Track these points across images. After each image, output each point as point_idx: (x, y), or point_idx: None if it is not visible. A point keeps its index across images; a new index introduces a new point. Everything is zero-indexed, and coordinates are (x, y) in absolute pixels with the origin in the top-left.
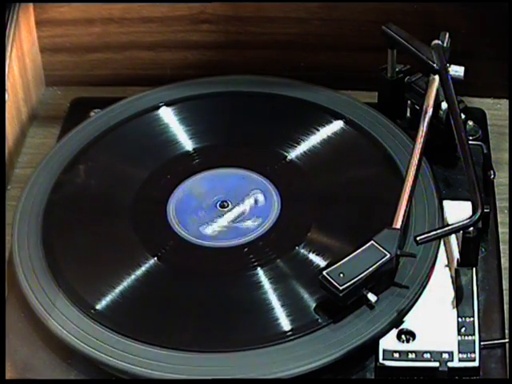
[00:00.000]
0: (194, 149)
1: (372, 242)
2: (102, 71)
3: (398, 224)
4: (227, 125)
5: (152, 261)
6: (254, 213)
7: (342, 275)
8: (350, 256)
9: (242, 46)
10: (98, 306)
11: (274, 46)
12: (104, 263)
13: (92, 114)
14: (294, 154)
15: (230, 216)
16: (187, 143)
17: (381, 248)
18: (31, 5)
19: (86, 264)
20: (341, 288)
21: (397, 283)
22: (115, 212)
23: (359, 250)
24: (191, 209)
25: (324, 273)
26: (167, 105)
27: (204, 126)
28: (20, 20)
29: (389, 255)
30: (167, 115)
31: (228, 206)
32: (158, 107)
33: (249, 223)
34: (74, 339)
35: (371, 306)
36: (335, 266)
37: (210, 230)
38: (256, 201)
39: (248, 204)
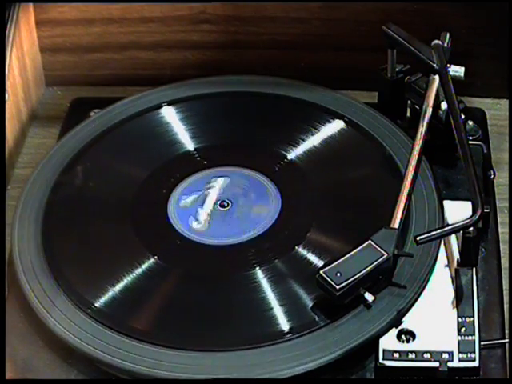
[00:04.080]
0: (193, 149)
1: (369, 241)
2: (102, 71)
3: (396, 224)
4: (227, 125)
5: (152, 260)
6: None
7: (338, 274)
8: (348, 255)
9: (242, 46)
10: (99, 306)
11: (274, 45)
12: (104, 263)
13: (92, 114)
14: (294, 153)
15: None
16: (187, 143)
17: (378, 248)
18: (31, 5)
19: (86, 264)
20: (337, 287)
21: (395, 283)
22: (115, 212)
23: (356, 250)
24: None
25: (321, 272)
26: (167, 105)
27: (204, 126)
28: (20, 20)
29: (386, 255)
30: (167, 115)
31: (228, 205)
32: (158, 107)
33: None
34: (74, 339)
35: (368, 306)
36: (332, 265)
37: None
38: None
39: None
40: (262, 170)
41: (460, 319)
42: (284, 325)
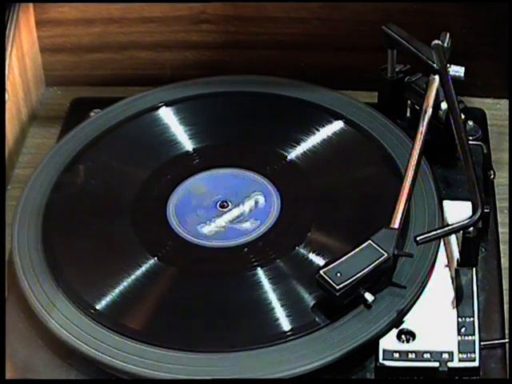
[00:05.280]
0: (193, 149)
1: (369, 241)
2: (102, 71)
3: (396, 224)
4: (227, 125)
5: (152, 261)
6: (253, 213)
7: (338, 274)
8: (348, 255)
9: (242, 46)
10: (98, 306)
11: (274, 45)
12: (104, 263)
13: (92, 114)
14: (293, 153)
15: (229, 216)
16: (187, 143)
17: (378, 248)
18: (31, 5)
19: (86, 264)
20: (337, 287)
21: (395, 283)
22: (115, 212)
23: (356, 250)
24: (191, 209)
25: (321, 272)
26: (167, 105)
27: (204, 126)
28: (20, 20)
29: (386, 255)
30: (167, 115)
31: (228, 206)
32: (158, 107)
33: (249, 223)
34: (74, 339)
35: (368, 306)
36: (332, 265)
37: (209, 229)
38: (256, 203)
39: (248, 205)
40: (262, 171)
41: (460, 319)
42: (284, 325)
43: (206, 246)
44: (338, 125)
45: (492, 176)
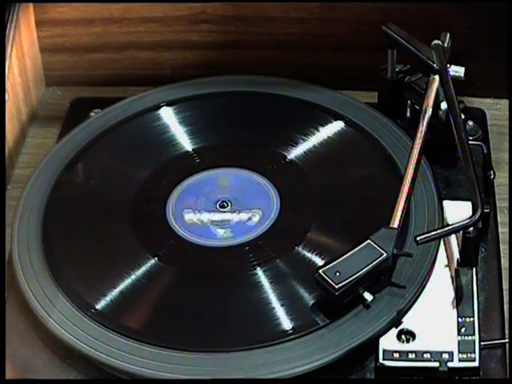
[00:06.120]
0: (193, 149)
1: (369, 241)
2: (102, 71)
3: (396, 223)
4: (227, 125)
5: (152, 261)
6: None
7: (338, 274)
8: (347, 255)
9: (242, 46)
10: (98, 306)
11: (274, 46)
12: (104, 263)
13: (92, 114)
14: (293, 154)
15: (229, 216)
16: (187, 143)
17: (377, 247)
18: (31, 5)
19: (85, 264)
20: (337, 287)
21: (394, 283)
22: (115, 212)
23: (356, 249)
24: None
25: (320, 271)
26: (167, 105)
27: (204, 126)
28: (20, 20)
29: (385, 254)
30: (167, 115)
31: (228, 206)
32: (158, 107)
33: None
34: (74, 339)
35: (367, 306)
36: (331, 264)
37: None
38: (251, 218)
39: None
40: (262, 171)
41: (460, 319)
42: (283, 325)
43: (206, 245)
44: (337, 125)
45: (492, 176)
